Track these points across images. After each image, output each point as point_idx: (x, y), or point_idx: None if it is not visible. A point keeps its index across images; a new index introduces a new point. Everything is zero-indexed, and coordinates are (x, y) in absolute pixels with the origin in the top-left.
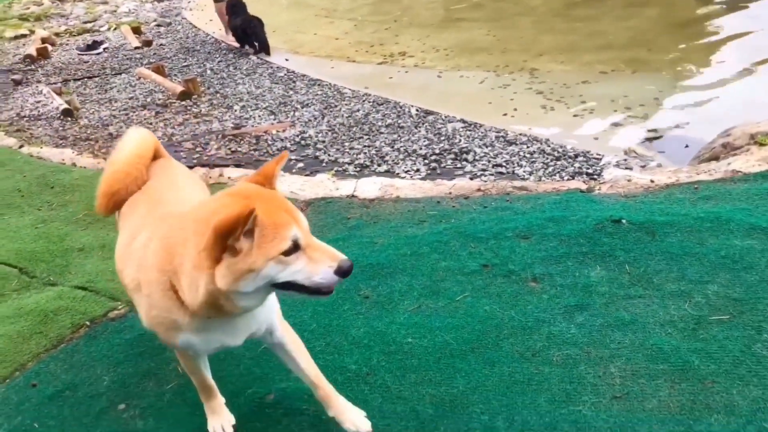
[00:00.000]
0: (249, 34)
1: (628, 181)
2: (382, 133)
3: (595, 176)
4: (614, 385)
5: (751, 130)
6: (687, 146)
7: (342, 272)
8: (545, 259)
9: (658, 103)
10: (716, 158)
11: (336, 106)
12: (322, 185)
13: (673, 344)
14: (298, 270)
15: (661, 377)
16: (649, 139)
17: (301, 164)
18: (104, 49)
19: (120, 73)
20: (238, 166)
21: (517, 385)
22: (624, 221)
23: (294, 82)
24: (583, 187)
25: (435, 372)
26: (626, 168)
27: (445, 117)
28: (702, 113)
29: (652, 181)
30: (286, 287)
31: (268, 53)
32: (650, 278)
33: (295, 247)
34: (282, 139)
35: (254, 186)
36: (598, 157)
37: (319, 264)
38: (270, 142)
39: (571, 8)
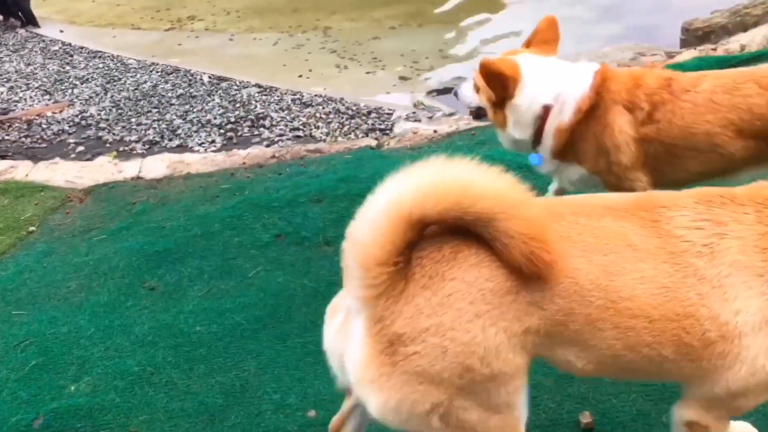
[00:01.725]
0: (9, 3)
1: (414, 133)
2: (172, 104)
3: (388, 131)
4: None
5: None
6: None
7: None
8: (337, 220)
9: (443, 55)
10: None
11: (120, 79)
12: (103, 169)
13: None
14: None
15: None
16: (437, 90)
17: (81, 147)
18: None
19: None
20: (3, 157)
21: (310, 355)
22: None
23: (71, 56)
24: (374, 143)
25: (225, 358)
26: (415, 121)
27: (240, 83)
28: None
29: (435, 132)
30: None
31: (35, 24)
32: None
33: None
34: (59, 122)
35: None
36: (389, 112)
37: None
38: (45, 126)
39: None
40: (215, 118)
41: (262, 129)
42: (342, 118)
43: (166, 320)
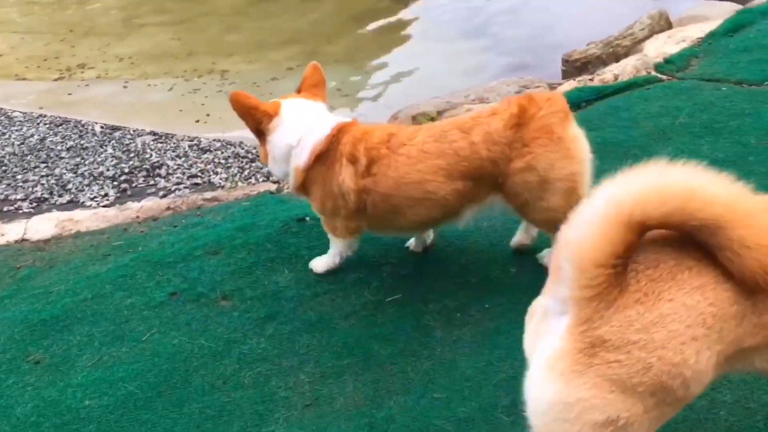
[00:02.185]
0: None
1: None
2: (62, 158)
3: None
4: (304, 393)
5: (413, 112)
6: None
7: None
8: (235, 272)
9: (341, 93)
10: None
11: (4, 134)
12: None
13: (356, 335)
14: None
15: (347, 372)
16: None
17: None
18: None
19: None
20: None
21: (209, 421)
22: (308, 218)
23: None
24: (273, 188)
25: None
26: None
27: (134, 131)
28: (380, 98)
29: None
30: None
31: None
32: (334, 271)
33: None
34: None
35: None
36: None
37: None
38: None
39: (254, 6)
40: (108, 170)
41: (158, 178)
42: (242, 162)
43: (52, 396)
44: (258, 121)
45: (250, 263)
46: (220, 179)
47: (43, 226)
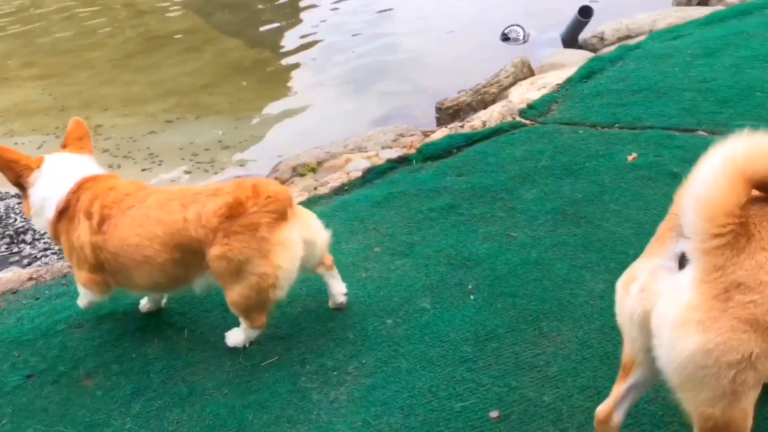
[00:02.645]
0: None
1: None
2: None
3: None
4: None
5: (294, 163)
6: None
7: None
8: (100, 346)
9: (223, 145)
10: None
11: None
12: None
13: (230, 405)
14: None
15: None
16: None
17: None
18: None
19: None
20: None
21: None
22: None
23: None
24: None
25: None
26: None
27: None
28: (262, 149)
29: None
30: None
31: None
32: (207, 338)
33: None
34: None
35: None
36: None
37: None
38: None
39: (131, 58)
40: None
41: (22, 245)
42: None
43: None
44: (18, 174)
45: (117, 335)
46: None
47: None
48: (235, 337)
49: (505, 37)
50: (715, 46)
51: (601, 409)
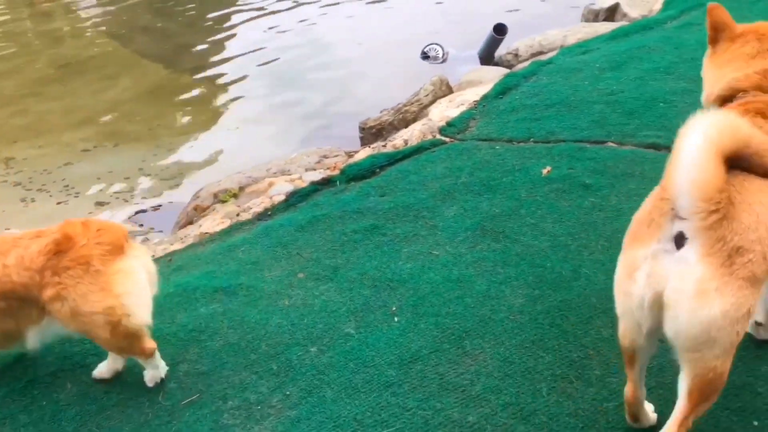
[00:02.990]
0: None
1: None
2: None
3: None
4: None
5: (215, 190)
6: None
7: None
8: (7, 396)
9: (144, 173)
10: (191, 222)
11: None
12: None
13: None
14: None
15: None
16: (142, 211)
17: None
18: None
19: None
20: None
21: None
22: None
23: None
24: None
25: None
26: None
27: None
28: (183, 176)
29: None
30: None
31: None
32: (124, 379)
33: None
34: None
35: None
36: None
37: None
38: None
39: (45, 86)
40: None
41: None
42: None
43: None
44: None
45: (26, 382)
46: None
47: None
48: (149, 375)
49: (425, 56)
50: (620, 59)
51: (629, 393)
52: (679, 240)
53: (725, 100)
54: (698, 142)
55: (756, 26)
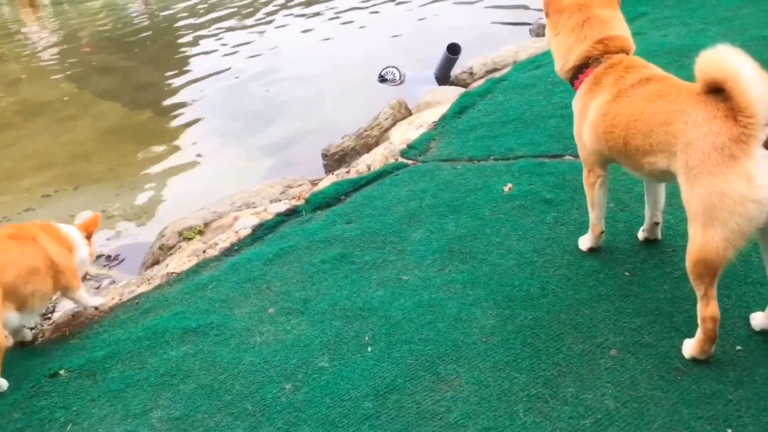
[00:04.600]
0: None
1: (73, 316)
2: None
3: (49, 315)
4: None
5: (179, 228)
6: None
7: None
8: None
9: (107, 215)
10: (158, 262)
11: None
12: None
13: None
14: None
15: None
16: (107, 256)
17: None
18: None
19: None
20: None
21: None
22: (62, 372)
23: None
24: (28, 335)
25: None
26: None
27: None
28: (147, 215)
29: (96, 309)
30: None
31: None
32: (96, 430)
33: None
34: None
35: None
36: None
37: None
38: None
39: (1, 132)
40: None
41: None
42: None
43: None
44: None
45: None
46: None
47: None
48: None
49: (383, 79)
50: None
51: (716, 311)
52: (767, 144)
53: (581, 67)
54: (749, 63)
55: None
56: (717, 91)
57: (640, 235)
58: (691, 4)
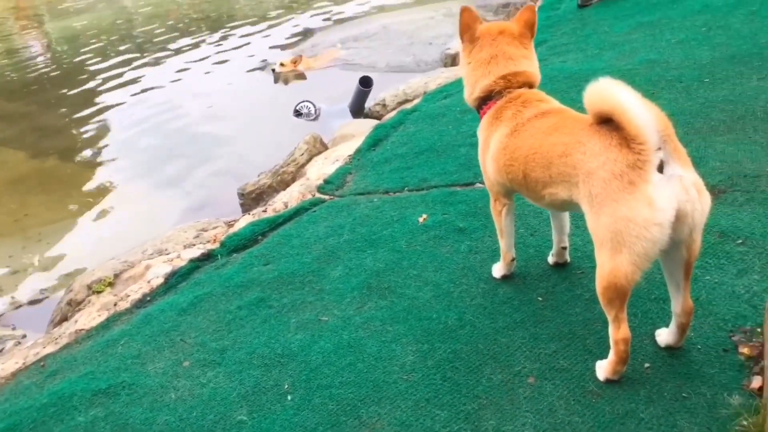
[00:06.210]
0: None
1: None
2: None
3: None
4: None
5: (88, 281)
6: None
7: None
8: None
9: (11, 271)
10: (66, 318)
11: None
12: None
13: None
14: None
15: None
16: (16, 308)
17: None
18: None
19: None
20: None
21: None
22: None
23: None
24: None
25: None
26: None
27: None
28: (57, 268)
29: None
30: None
31: None
32: None
33: None
34: None
35: None
36: None
37: None
38: None
39: None
40: None
41: None
42: None
43: None
44: None
45: None
46: None
47: None
48: None
49: (298, 114)
50: None
51: (628, 333)
52: (660, 167)
53: (485, 98)
54: (631, 94)
55: (488, 28)
56: (608, 121)
57: (550, 259)
58: (585, 31)
